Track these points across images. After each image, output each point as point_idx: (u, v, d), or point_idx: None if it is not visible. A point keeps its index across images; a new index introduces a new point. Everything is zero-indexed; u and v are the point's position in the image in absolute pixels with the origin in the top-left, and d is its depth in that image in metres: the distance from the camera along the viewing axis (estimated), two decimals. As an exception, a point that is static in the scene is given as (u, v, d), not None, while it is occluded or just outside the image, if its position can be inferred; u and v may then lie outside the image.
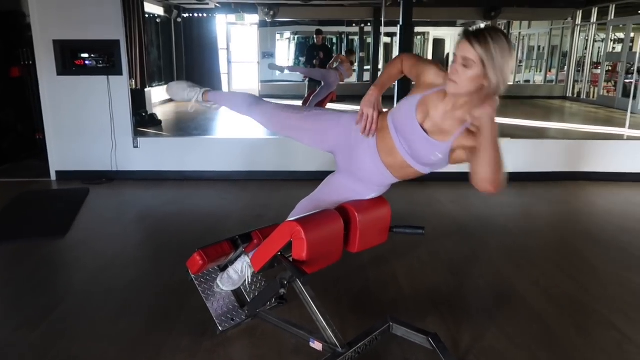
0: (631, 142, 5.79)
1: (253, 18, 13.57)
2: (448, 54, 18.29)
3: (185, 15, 12.50)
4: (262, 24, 13.92)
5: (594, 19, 13.04)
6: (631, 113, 11.02)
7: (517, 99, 12.73)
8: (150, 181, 5.27)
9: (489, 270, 3.33)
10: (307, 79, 9.08)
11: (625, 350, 2.41)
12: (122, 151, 5.26)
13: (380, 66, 14.39)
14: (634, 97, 11.37)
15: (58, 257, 3.52)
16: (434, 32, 17.53)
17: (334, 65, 7.86)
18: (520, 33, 16.14)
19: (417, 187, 5.00)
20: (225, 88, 13.53)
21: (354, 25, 15.27)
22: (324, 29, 15.91)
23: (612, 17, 12.17)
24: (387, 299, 2.91)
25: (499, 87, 1.62)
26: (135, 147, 5.26)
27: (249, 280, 2.48)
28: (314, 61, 8.50)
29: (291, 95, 10.80)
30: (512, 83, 15.77)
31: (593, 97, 13.07)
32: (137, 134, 5.43)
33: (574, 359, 2.35)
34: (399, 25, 8.51)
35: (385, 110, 1.93)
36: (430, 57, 17.68)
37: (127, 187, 5.16)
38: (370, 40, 14.89)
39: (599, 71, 13.44)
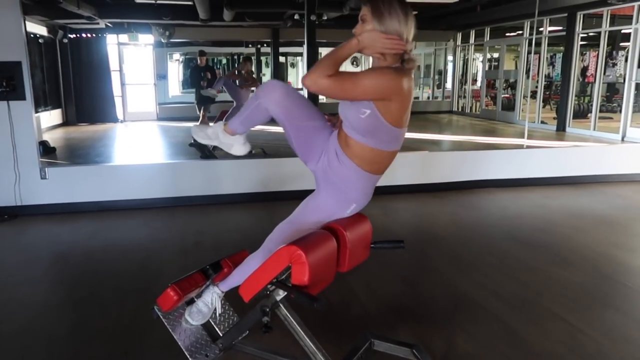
0: (530, 150, 6.43)
1: (147, 38, 13.04)
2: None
3: (72, 35, 11.65)
4: (158, 45, 13.43)
5: (472, 40, 14.33)
6: (512, 124, 12.24)
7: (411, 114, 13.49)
8: (63, 215, 4.79)
9: (438, 278, 3.47)
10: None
11: (579, 340, 2.64)
12: (28, 183, 4.73)
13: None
14: (513, 109, 12.65)
15: (-27, 308, 3.06)
16: (325, 52, 18.10)
17: (250, 88, 7.86)
18: (407, 53, 17.21)
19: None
20: (119, 111, 12.79)
21: (250, 45, 15.29)
22: (219, 49, 15.79)
23: (488, 39, 13.47)
24: (353, 317, 2.92)
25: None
26: (43, 178, 4.76)
27: (219, 311, 2.36)
28: (202, 82, 8.38)
29: (187, 117, 10.52)
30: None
31: (476, 110, 14.30)
32: (44, 163, 4.93)
33: (539, 353, 2.52)
34: (305, 45, 8.73)
35: None
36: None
37: (36, 223, 4.64)
38: (266, 60, 15.02)
39: (477, 87, 14.76)
